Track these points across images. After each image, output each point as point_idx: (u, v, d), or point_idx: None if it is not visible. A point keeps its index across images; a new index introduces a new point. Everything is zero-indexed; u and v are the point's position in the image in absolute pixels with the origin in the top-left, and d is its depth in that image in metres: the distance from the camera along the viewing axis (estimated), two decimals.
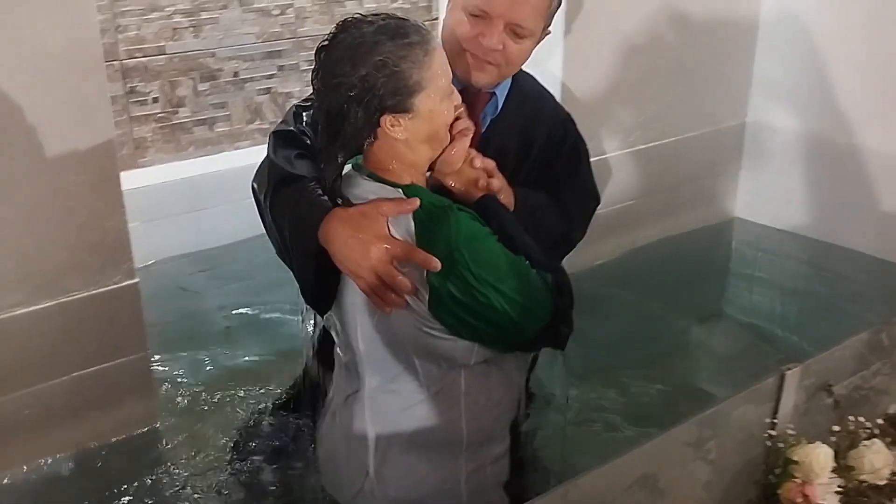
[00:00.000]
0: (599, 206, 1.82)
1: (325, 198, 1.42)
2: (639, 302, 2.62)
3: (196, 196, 2.83)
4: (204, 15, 2.79)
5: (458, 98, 1.42)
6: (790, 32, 2.88)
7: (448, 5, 1.63)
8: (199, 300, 2.71)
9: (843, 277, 2.77)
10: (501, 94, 1.68)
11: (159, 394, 2.15)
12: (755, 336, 2.48)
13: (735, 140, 3.09)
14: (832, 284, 2.74)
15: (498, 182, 1.50)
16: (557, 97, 2.51)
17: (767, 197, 3.07)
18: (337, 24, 1.36)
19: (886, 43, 2.65)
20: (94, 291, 1.89)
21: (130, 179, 2.71)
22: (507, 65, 1.60)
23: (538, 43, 1.64)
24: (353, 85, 1.30)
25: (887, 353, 1.60)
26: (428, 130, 1.37)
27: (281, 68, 3.00)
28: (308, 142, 1.54)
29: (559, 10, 1.65)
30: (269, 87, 2.99)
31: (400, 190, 1.39)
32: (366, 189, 1.40)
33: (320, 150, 1.42)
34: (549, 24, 1.64)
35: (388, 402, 1.48)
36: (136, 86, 2.73)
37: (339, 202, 1.42)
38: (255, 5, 2.88)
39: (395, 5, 3.18)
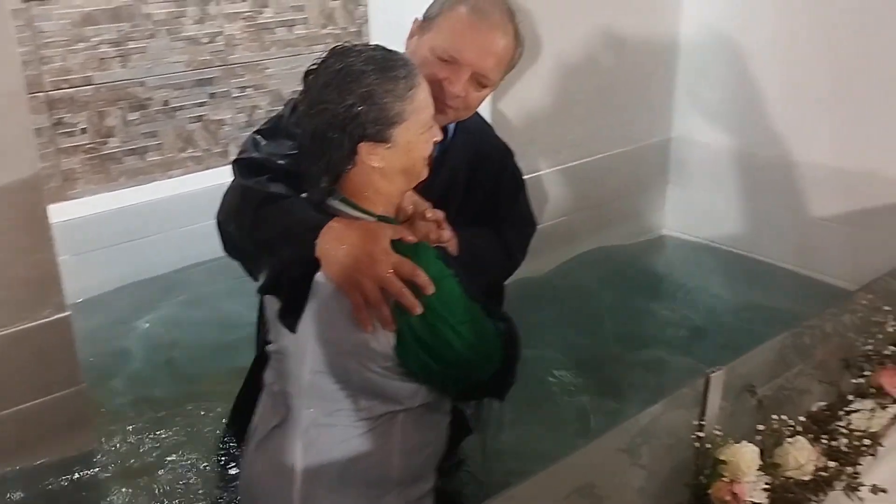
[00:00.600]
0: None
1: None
2: (567, 315, 2.66)
3: (129, 227, 2.80)
4: (131, 44, 2.77)
5: (437, 134, 1.46)
6: (710, 49, 2.98)
7: (412, 37, 1.66)
8: (135, 331, 2.66)
9: (763, 291, 2.85)
10: (450, 128, 1.72)
11: (96, 427, 2.11)
12: (680, 346, 2.54)
13: (661, 156, 3.18)
14: (752, 298, 2.81)
15: (447, 233, 1.55)
16: (488, 119, 2.57)
17: (693, 211, 3.16)
18: (329, 51, 1.40)
19: (803, 56, 2.76)
20: (23, 326, 1.85)
21: (60, 212, 2.69)
22: (465, 110, 1.65)
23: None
24: (338, 112, 1.34)
25: (808, 354, 1.67)
26: (404, 162, 1.41)
27: (212, 96, 3.00)
28: (277, 166, 1.55)
29: None
30: (201, 115, 2.98)
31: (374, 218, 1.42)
32: (340, 214, 1.42)
33: (303, 172, 1.44)
34: (506, 74, 1.69)
35: (322, 435, 1.47)
36: (63, 117, 2.70)
37: None
38: (183, 34, 2.88)
39: (325, 31, 3.21)
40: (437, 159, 1.67)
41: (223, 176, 1.62)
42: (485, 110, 2.54)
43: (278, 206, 1.46)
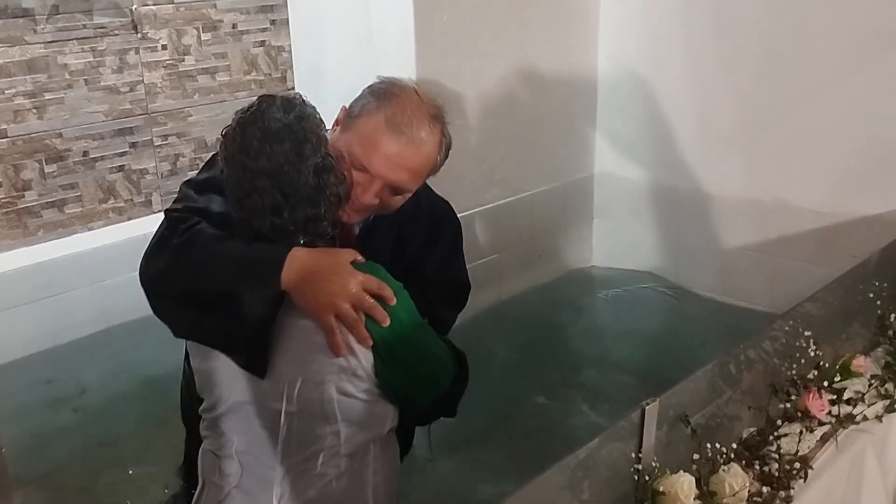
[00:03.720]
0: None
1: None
2: (502, 356, 2.68)
3: (48, 282, 2.71)
4: (48, 96, 2.71)
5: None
6: (626, 87, 3.08)
7: (335, 125, 1.61)
8: (55, 395, 2.56)
9: (692, 315, 2.93)
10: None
11: (15, 497, 2.01)
12: (614, 378, 2.59)
13: (585, 191, 3.26)
14: (682, 322, 2.89)
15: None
16: None
17: (620, 243, 3.24)
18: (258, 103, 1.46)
19: (712, 92, 2.88)
20: None
21: None
22: (382, 210, 1.62)
23: None
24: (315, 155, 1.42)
25: (736, 381, 1.72)
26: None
27: (133, 145, 2.94)
28: (218, 217, 1.52)
29: (413, 74, 1.70)
30: (122, 165, 2.92)
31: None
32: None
33: (283, 225, 1.43)
34: (434, 174, 1.67)
35: (299, 481, 1.46)
36: None
37: None
38: (102, 83, 2.83)
39: (248, 77, 3.19)
40: (359, 236, 1.68)
41: (147, 226, 1.60)
42: None
43: (225, 246, 1.44)
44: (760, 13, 2.71)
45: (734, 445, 1.64)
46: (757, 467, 1.63)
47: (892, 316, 2.05)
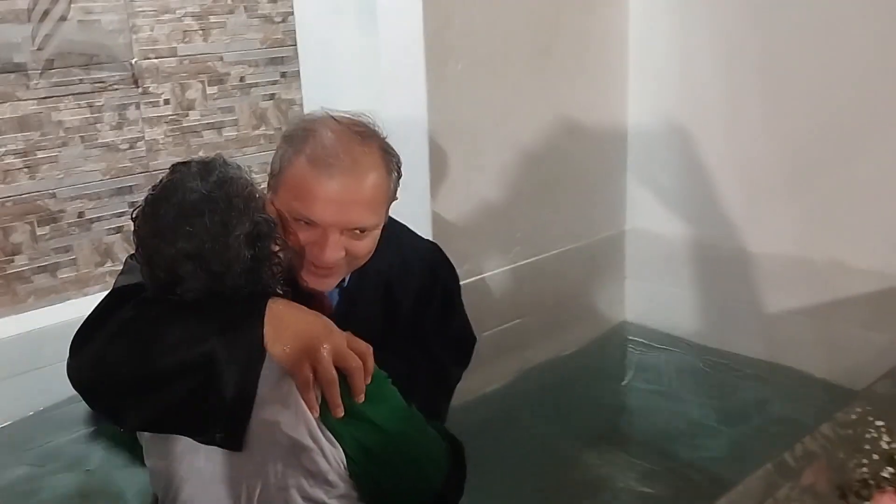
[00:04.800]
0: (486, 328, 1.69)
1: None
2: (526, 429, 2.44)
3: (39, 352, 2.52)
4: (41, 154, 2.56)
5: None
6: (659, 139, 2.87)
7: (269, 190, 1.40)
8: (44, 470, 2.37)
9: (738, 385, 2.66)
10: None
11: None
12: (655, 459, 2.32)
13: (616, 250, 3.03)
14: (727, 394, 2.62)
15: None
16: (426, 221, 2.39)
17: (655, 306, 2.99)
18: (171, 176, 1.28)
19: (756, 143, 2.66)
20: None
21: None
22: (354, 260, 1.41)
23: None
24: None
25: (795, 475, 1.48)
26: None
27: (133, 205, 2.76)
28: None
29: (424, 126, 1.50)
30: (121, 226, 2.76)
31: None
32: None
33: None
34: (395, 196, 1.45)
35: None
36: None
37: None
38: (100, 141, 2.68)
39: (257, 132, 3.04)
40: (338, 307, 1.48)
41: None
42: (422, 210, 2.39)
43: (185, 308, 1.22)
44: (809, 58, 2.49)
45: None
46: None
47: None
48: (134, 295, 1.26)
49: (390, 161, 1.39)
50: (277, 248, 1.26)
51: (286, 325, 1.20)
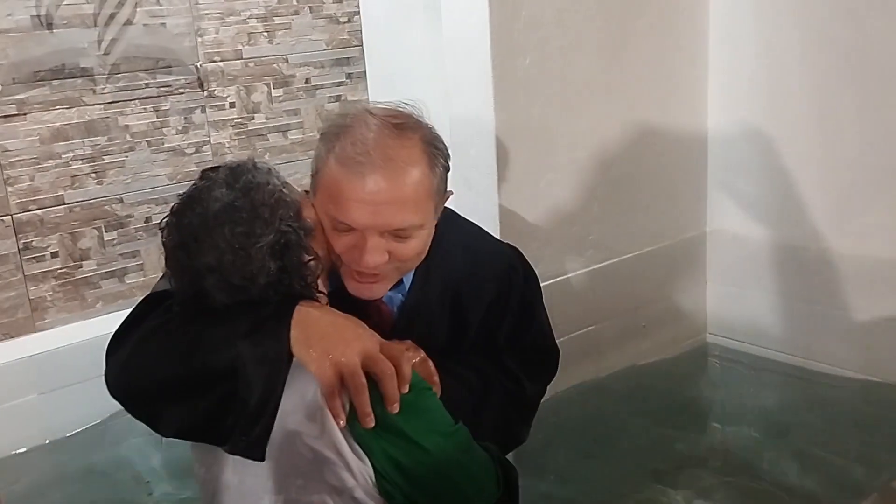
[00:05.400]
0: (557, 335, 1.61)
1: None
2: (599, 444, 2.31)
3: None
4: (107, 159, 2.56)
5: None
6: (742, 133, 2.71)
7: (311, 194, 1.34)
8: (113, 477, 2.36)
9: (828, 398, 2.47)
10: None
11: None
12: (739, 480, 2.16)
13: (696, 253, 2.87)
14: (821, 411, 2.43)
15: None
16: (494, 222, 2.29)
17: (739, 312, 2.81)
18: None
19: (846, 138, 2.48)
20: None
21: (27, 345, 2.46)
22: (403, 264, 1.31)
23: (441, 210, 1.37)
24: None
25: None
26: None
27: None
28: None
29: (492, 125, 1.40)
30: None
31: None
32: None
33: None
34: (445, 192, 1.35)
35: None
36: (31, 241, 2.46)
37: None
38: (166, 145, 2.66)
39: None
40: (399, 318, 1.39)
41: None
42: (490, 210, 2.29)
43: (216, 313, 1.16)
44: None
45: None
46: None
47: None
48: (165, 301, 1.22)
49: (434, 154, 1.29)
50: (308, 258, 1.17)
51: (314, 328, 1.13)
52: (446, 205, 1.52)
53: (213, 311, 1.15)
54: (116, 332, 1.27)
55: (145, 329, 1.21)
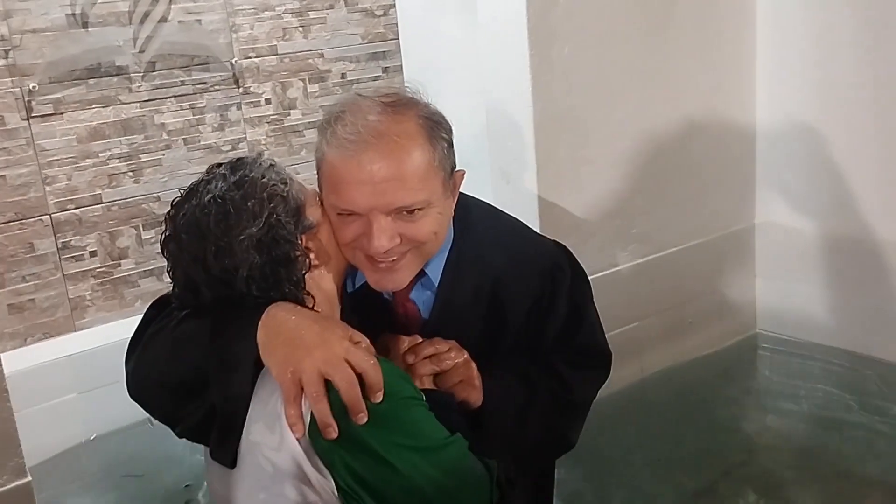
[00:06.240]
0: None
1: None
2: (644, 446, 2.24)
3: None
4: (144, 157, 2.56)
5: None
6: (792, 123, 2.61)
7: (319, 189, 1.28)
8: (154, 478, 2.35)
9: (886, 396, 2.37)
10: (435, 265, 1.32)
11: None
12: (786, 479, 2.07)
13: (745, 246, 2.77)
14: (873, 405, 2.33)
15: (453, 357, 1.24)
16: (533, 215, 2.23)
17: (789, 306, 2.71)
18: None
19: (892, 133, 2.37)
20: None
21: (67, 345, 2.46)
22: (419, 246, 1.24)
23: (456, 190, 1.30)
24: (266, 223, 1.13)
25: None
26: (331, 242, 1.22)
27: None
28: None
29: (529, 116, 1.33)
30: None
31: None
32: None
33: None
34: (454, 167, 1.28)
35: None
36: (69, 240, 2.47)
37: None
38: (202, 143, 2.65)
39: None
40: (428, 319, 1.32)
41: None
42: (530, 203, 2.23)
43: (203, 314, 1.15)
44: None
45: None
46: None
47: None
48: (169, 304, 1.22)
49: (432, 129, 1.23)
50: (297, 253, 1.14)
51: (278, 332, 1.08)
52: (487, 200, 1.46)
53: (201, 310, 1.13)
54: (130, 339, 1.27)
55: (147, 335, 1.21)
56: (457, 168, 1.29)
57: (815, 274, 2.65)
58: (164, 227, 1.18)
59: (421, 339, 1.27)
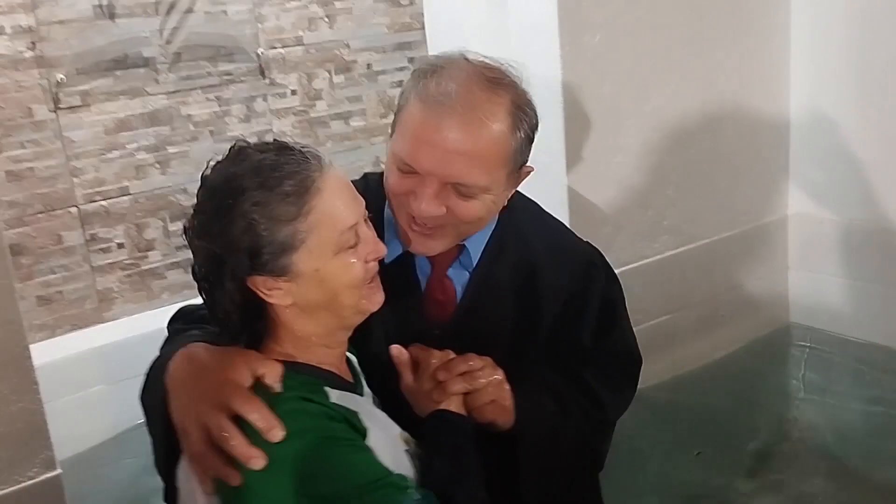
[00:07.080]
0: None
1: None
2: (676, 444, 2.21)
3: None
4: (171, 149, 2.56)
5: (376, 250, 1.10)
6: (827, 112, 2.56)
7: (392, 130, 1.26)
8: None
9: None
10: (477, 243, 1.29)
11: None
12: (823, 478, 2.03)
13: (778, 237, 2.72)
14: None
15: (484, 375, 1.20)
16: (563, 206, 2.20)
17: (823, 300, 2.66)
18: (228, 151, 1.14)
19: None
20: (1, 492, 1.54)
21: (95, 336, 2.46)
22: (462, 225, 1.22)
23: (517, 184, 1.27)
24: (215, 243, 1.06)
25: None
26: (320, 295, 1.07)
27: None
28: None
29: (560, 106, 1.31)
30: None
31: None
32: None
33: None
34: (524, 162, 1.25)
35: None
36: (96, 232, 2.47)
37: None
38: (229, 134, 2.65)
39: (384, 121, 2.93)
40: (462, 301, 1.29)
41: None
42: (559, 193, 2.20)
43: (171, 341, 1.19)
44: None
45: None
46: None
47: None
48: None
49: (520, 118, 1.19)
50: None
51: (174, 385, 1.08)
52: (531, 198, 1.43)
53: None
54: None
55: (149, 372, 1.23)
56: (528, 163, 1.27)
57: (848, 266, 2.60)
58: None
59: (453, 355, 1.20)
